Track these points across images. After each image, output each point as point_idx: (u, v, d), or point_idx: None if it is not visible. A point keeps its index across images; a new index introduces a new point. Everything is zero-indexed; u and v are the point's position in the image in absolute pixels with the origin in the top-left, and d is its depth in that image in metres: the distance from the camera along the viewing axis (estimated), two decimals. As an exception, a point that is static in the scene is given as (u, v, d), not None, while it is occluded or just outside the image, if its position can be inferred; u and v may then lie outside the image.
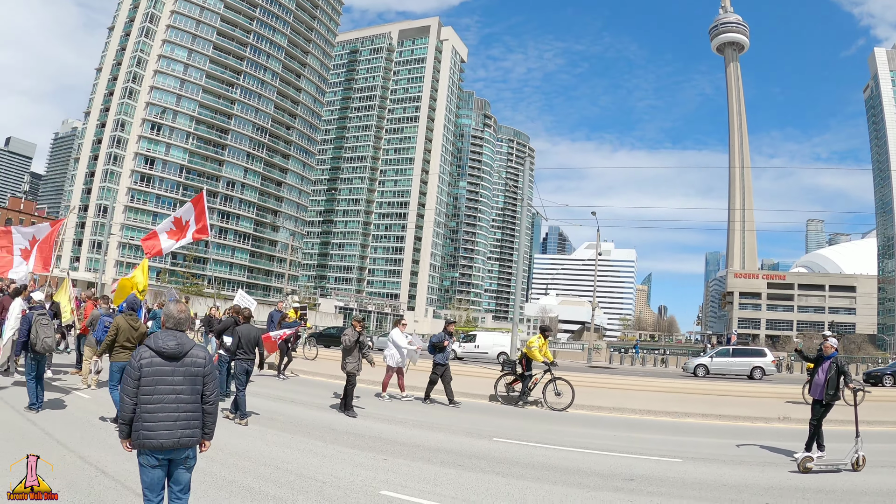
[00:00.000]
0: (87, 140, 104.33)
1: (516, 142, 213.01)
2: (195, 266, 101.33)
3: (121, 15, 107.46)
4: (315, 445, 9.23)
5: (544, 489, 7.45)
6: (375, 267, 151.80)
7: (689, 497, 7.32)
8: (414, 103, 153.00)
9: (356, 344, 12.54)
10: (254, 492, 6.51)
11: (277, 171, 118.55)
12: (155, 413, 4.33)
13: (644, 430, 12.73)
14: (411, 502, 6.66)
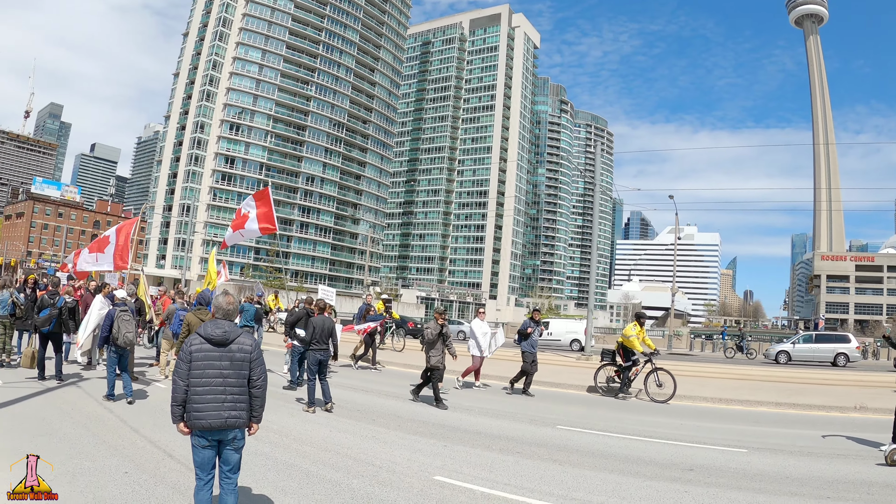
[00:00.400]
0: (168, 143, 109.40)
1: (594, 126, 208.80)
2: (277, 260, 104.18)
3: (194, 21, 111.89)
4: (378, 432, 9.47)
5: (599, 477, 7.42)
6: (456, 256, 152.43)
7: (747, 489, 7.09)
8: (489, 92, 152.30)
9: (439, 336, 12.40)
10: (311, 475, 6.82)
11: (356, 164, 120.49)
12: (203, 395, 4.60)
13: (712, 419, 12.42)
14: (463, 487, 6.72)
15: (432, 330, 12.37)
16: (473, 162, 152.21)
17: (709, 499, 6.63)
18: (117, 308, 10.70)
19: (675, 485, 7.19)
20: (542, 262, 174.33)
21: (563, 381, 17.04)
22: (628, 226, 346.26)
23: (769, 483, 7.38)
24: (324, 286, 19.86)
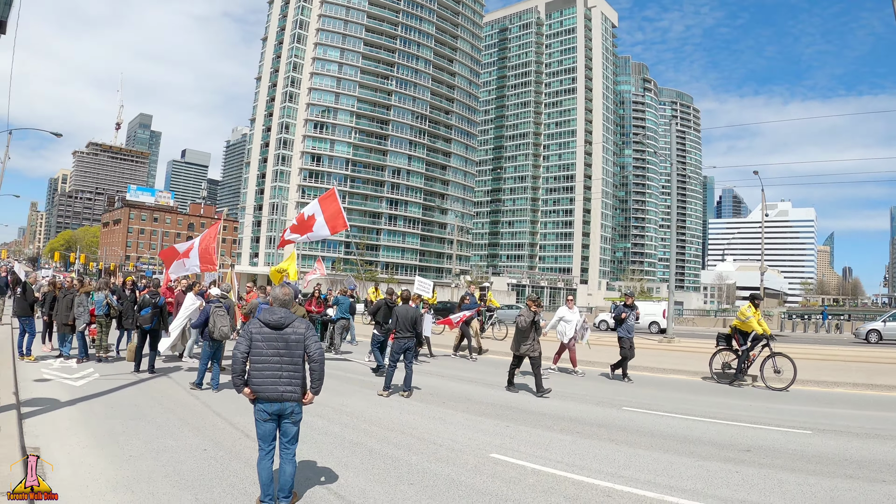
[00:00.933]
0: (255, 145, 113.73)
1: (679, 104, 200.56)
2: (368, 253, 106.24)
3: (272, 26, 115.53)
4: (446, 414, 9.89)
5: (653, 456, 7.49)
6: (546, 242, 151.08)
7: (802, 470, 6.99)
8: (569, 75, 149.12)
9: (532, 325, 11.89)
10: (374, 452, 7.35)
11: (441, 155, 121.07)
12: (262, 372, 5.26)
13: (785, 401, 12.10)
14: (516, 464, 7.00)
15: (525, 318, 11.87)
16: (559, 146, 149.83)
17: (759, 479, 6.60)
18: (212, 304, 11.44)
19: (727, 465, 7.16)
20: (633, 245, 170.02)
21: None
22: (720, 204, 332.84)
23: (826, 465, 7.22)
24: (420, 277, 19.82)
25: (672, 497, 5.98)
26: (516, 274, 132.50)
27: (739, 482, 6.50)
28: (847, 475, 6.80)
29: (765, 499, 5.98)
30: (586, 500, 5.88)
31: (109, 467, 6.34)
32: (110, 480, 5.94)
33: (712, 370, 14.73)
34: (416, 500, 5.69)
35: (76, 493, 5.52)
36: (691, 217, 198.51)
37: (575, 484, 6.33)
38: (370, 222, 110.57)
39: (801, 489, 6.27)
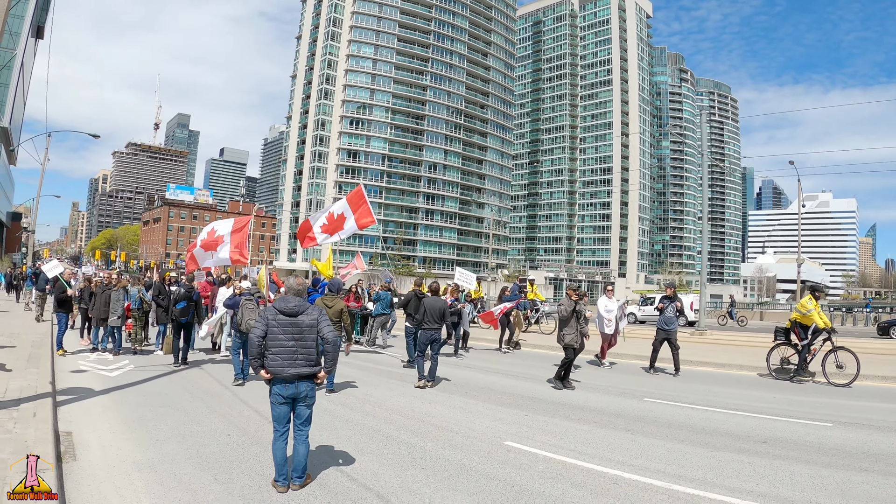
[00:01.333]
0: (291, 142, 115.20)
1: (717, 94, 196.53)
2: (405, 248, 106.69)
3: (305, 24, 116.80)
4: (467, 403, 10.06)
5: (666, 446, 7.53)
6: (584, 235, 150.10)
7: (815, 462, 6.96)
8: (604, 66, 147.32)
9: (573, 314, 11.82)
10: (391, 438, 7.60)
11: (477, 149, 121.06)
12: (279, 354, 5.64)
13: (808, 393, 12.00)
14: (528, 451, 7.16)
15: (566, 307, 11.77)
16: (595, 139, 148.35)
17: (770, 471, 6.59)
18: (242, 297, 11.60)
19: (740, 456, 7.17)
20: (672, 238, 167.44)
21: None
22: (760, 195, 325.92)
23: (842, 458, 7.15)
24: (461, 269, 19.96)
25: (679, 486, 6.02)
26: (554, 267, 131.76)
27: (750, 473, 6.51)
28: (861, 468, 6.74)
29: (773, 489, 5.98)
30: (592, 486, 5.98)
31: (136, 450, 6.70)
32: (136, 461, 6.29)
33: (769, 365, 14.10)
34: (426, 483, 5.88)
35: (103, 473, 5.88)
36: (730, 209, 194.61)
37: (584, 471, 6.44)
38: (407, 217, 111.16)
39: (812, 481, 6.25)
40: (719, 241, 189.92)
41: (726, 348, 20.05)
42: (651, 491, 5.90)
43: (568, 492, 5.82)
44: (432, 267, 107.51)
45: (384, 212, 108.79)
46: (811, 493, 5.91)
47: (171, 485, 5.68)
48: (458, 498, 5.52)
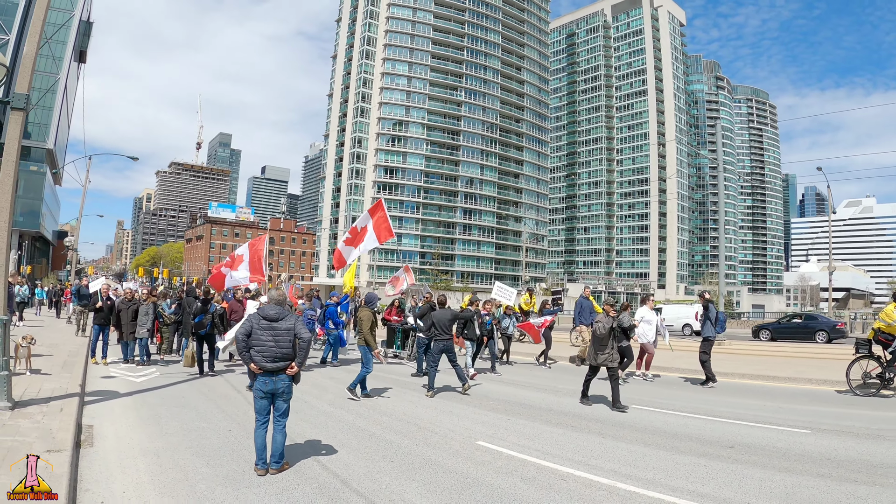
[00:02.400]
0: (329, 160, 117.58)
1: (755, 100, 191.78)
2: (443, 263, 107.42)
3: (340, 44, 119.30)
4: (457, 408, 10.71)
5: (629, 449, 7.88)
6: (622, 247, 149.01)
7: (773, 467, 7.04)
8: (639, 77, 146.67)
9: (610, 332, 10.96)
10: (374, 436, 8.36)
11: (513, 163, 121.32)
12: (261, 351, 6.64)
13: (804, 401, 11.90)
14: (495, 450, 7.71)
15: (603, 324, 10.91)
16: (632, 150, 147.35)
17: (723, 474, 6.76)
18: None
19: (699, 459, 7.39)
20: (712, 248, 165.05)
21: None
22: (803, 202, 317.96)
23: (804, 463, 7.20)
24: (501, 283, 20.06)
25: (623, 484, 6.37)
26: (592, 280, 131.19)
27: (702, 475, 6.72)
28: (818, 473, 6.80)
29: (716, 491, 6.18)
30: (541, 481, 6.47)
31: (146, 440, 7.73)
32: (144, 449, 7.31)
33: (849, 380, 12.86)
34: (388, 473, 6.63)
35: (114, 457, 6.93)
36: (771, 217, 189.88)
37: (538, 468, 6.95)
38: (445, 232, 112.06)
39: (760, 484, 6.38)
40: (761, 250, 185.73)
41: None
42: (594, 487, 6.30)
43: (515, 485, 6.34)
44: (470, 281, 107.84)
45: (422, 227, 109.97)
46: (754, 495, 6.06)
47: (168, 467, 6.63)
48: (412, 486, 6.22)
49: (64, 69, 79.72)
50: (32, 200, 75.85)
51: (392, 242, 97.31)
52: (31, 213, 75.78)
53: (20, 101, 8.57)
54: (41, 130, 77.73)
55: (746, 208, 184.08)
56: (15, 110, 8.58)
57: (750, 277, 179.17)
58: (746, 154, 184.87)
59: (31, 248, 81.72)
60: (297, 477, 6.39)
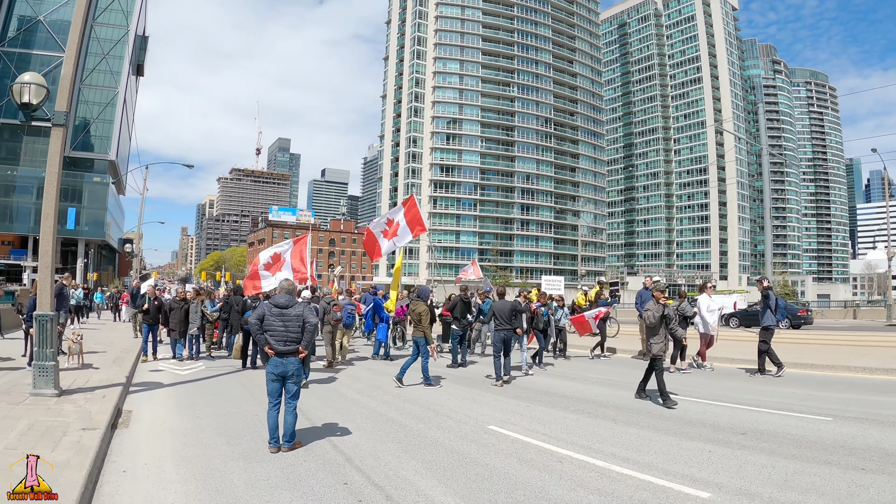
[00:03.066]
0: (385, 160, 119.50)
1: (814, 83, 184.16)
2: (501, 259, 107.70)
3: (391, 45, 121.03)
4: (480, 395, 11.12)
5: (637, 434, 7.95)
6: (682, 238, 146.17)
7: (780, 454, 6.94)
8: (693, 64, 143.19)
9: (661, 320, 10.52)
10: (391, 421, 8.83)
11: (569, 157, 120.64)
12: (274, 336, 7.25)
13: (836, 389, 11.60)
14: (503, 434, 7.95)
15: (653, 312, 10.48)
16: (689, 139, 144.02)
17: (725, 459, 6.73)
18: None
19: (705, 444, 7.37)
20: (775, 237, 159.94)
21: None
22: (869, 187, 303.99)
23: (814, 451, 7.05)
24: (548, 277, 21.00)
25: (618, 467, 6.44)
26: (652, 272, 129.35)
27: (702, 461, 6.71)
28: (828, 461, 6.62)
29: (711, 476, 6.17)
30: (537, 462, 6.66)
31: (177, 423, 8.48)
32: (173, 430, 8.06)
33: None
34: (392, 452, 7.04)
35: (144, 436, 7.73)
36: (835, 203, 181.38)
37: (539, 450, 7.15)
38: (503, 228, 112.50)
39: (760, 470, 6.32)
40: (825, 238, 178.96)
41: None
42: (587, 469, 6.44)
43: (510, 465, 6.56)
44: (529, 276, 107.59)
45: (479, 224, 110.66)
46: (751, 481, 6.00)
47: (191, 444, 7.32)
48: (411, 464, 6.59)
49: (122, 83, 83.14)
50: (97, 210, 79.52)
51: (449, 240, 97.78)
52: (95, 222, 79.44)
53: (60, 118, 9.37)
54: (103, 143, 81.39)
55: (809, 195, 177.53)
56: (56, 126, 9.39)
57: (815, 266, 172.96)
58: (807, 139, 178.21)
59: (97, 256, 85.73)
60: (305, 454, 6.89)
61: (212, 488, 5.68)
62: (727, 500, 5.46)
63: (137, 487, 5.68)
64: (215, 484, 5.81)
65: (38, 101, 9.19)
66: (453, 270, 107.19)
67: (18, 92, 9.06)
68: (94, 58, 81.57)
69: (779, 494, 5.56)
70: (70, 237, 78.40)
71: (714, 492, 5.67)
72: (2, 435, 6.72)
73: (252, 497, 5.45)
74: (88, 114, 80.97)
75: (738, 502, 5.42)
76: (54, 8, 76.95)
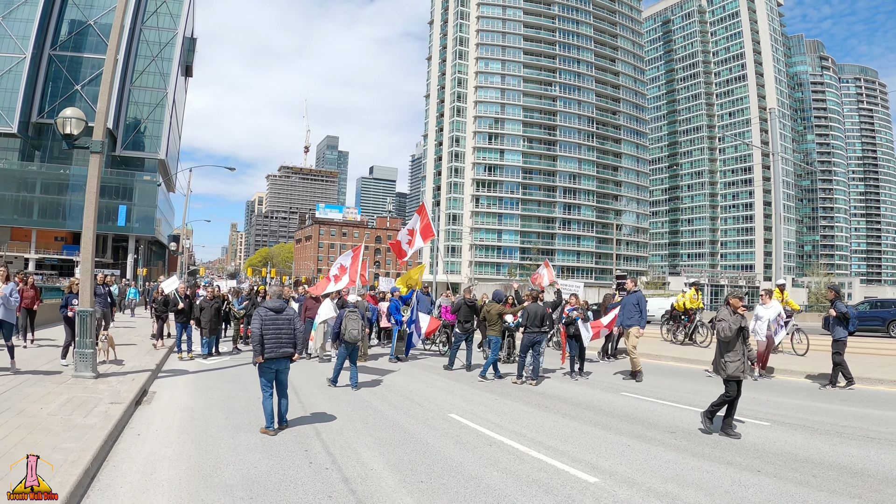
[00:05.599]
0: (429, 159, 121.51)
1: (863, 79, 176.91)
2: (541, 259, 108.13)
3: (434, 45, 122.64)
4: (459, 388, 12.35)
5: (572, 426, 8.92)
6: (727, 238, 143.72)
7: (691, 452, 7.54)
8: (738, 61, 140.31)
9: (738, 333, 8.65)
10: (370, 407, 10.13)
11: (611, 156, 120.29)
12: (270, 339, 8.11)
13: (802, 396, 11.84)
14: (456, 421, 9.11)
15: (729, 324, 8.62)
16: (734, 137, 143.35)
17: (636, 453, 7.46)
18: (346, 309, 12.04)
19: (627, 439, 8.12)
20: (822, 237, 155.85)
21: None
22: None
23: (725, 452, 7.56)
24: (564, 282, 20.84)
25: (536, 452, 7.35)
26: (694, 273, 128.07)
27: (614, 453, 7.47)
28: (726, 461, 7.14)
29: (613, 465, 6.92)
30: (468, 443, 7.80)
31: (189, 401, 10.27)
32: (185, 407, 9.81)
33: None
34: (356, 430, 8.45)
35: (160, 410, 9.48)
36: (886, 203, 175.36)
37: (478, 435, 8.25)
38: (544, 227, 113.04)
39: (661, 465, 6.98)
40: (875, 239, 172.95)
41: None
42: (509, 452, 7.41)
43: (445, 444, 7.72)
44: (571, 276, 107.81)
45: (521, 223, 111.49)
46: (642, 471, 6.72)
47: (196, 418, 9.03)
48: (364, 440, 7.92)
49: (171, 84, 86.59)
50: (147, 208, 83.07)
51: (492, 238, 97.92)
52: (145, 218, 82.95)
53: (97, 147, 11.16)
54: (153, 142, 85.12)
55: (859, 194, 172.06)
56: (93, 154, 11.18)
57: (864, 268, 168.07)
58: (857, 137, 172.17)
59: (147, 252, 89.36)
60: (286, 431, 8.31)
61: (202, 448, 7.37)
62: (613, 486, 6.22)
63: (146, 445, 7.43)
64: (206, 446, 7.50)
65: (78, 132, 10.94)
66: (495, 269, 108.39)
67: (62, 125, 10.79)
68: (143, 60, 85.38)
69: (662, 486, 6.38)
70: (121, 234, 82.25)
71: (602, 476, 6.51)
72: (46, 405, 8.54)
73: (229, 455, 7.09)
74: (139, 114, 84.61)
75: (623, 488, 6.15)
76: (104, 12, 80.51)
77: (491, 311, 14.01)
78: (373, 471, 6.62)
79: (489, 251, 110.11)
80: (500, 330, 14.06)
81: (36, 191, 78.74)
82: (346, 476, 6.41)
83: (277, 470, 6.56)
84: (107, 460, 6.73)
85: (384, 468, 6.73)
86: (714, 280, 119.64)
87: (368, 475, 6.47)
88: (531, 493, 6.01)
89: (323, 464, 6.83)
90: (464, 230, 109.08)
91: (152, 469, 6.48)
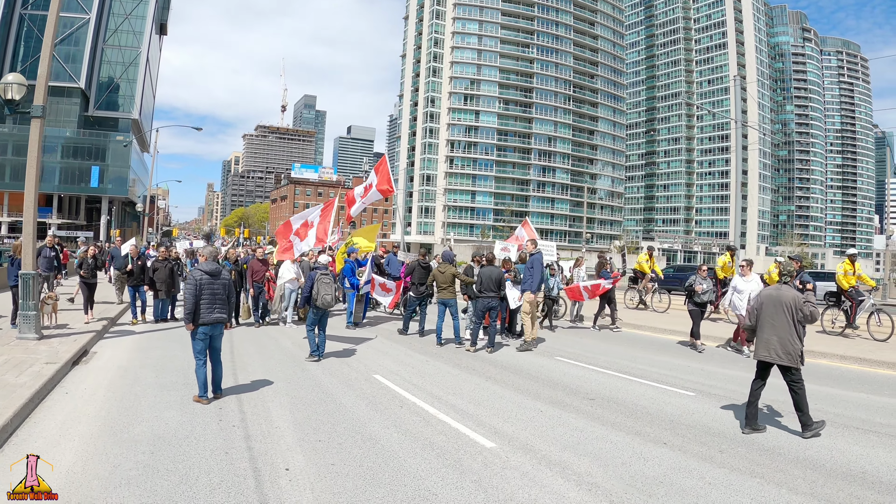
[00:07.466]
0: (404, 120, 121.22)
1: (845, 53, 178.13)
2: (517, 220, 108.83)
3: (411, 4, 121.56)
4: (398, 351, 12.55)
5: (492, 390, 9.19)
6: (702, 206, 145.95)
7: (598, 419, 7.77)
8: (719, 29, 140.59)
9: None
10: (304, 370, 10.25)
11: (588, 120, 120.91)
12: (203, 304, 7.88)
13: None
14: (377, 381, 9.47)
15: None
16: (712, 105, 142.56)
17: (544, 418, 7.70)
18: (318, 271, 11.35)
19: (542, 405, 8.34)
20: (798, 207, 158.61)
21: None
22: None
23: (638, 422, 7.68)
24: (545, 241, 19.55)
25: (443, 415, 7.61)
26: (668, 239, 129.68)
27: (521, 417, 7.72)
28: (637, 431, 7.31)
29: (515, 431, 7.12)
30: (381, 403, 8.12)
31: (126, 362, 10.67)
32: (120, 367, 10.20)
33: None
34: (273, 390, 8.84)
35: (94, 370, 9.89)
36: (862, 177, 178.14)
37: (393, 395, 8.61)
38: (518, 189, 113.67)
39: (565, 431, 7.19)
40: (850, 211, 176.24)
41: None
42: (416, 413, 7.71)
43: (357, 405, 7.97)
44: (545, 238, 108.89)
45: (496, 185, 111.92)
46: (542, 435, 6.97)
47: (127, 377, 9.46)
48: (281, 399, 8.25)
49: (145, 43, 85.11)
50: (120, 168, 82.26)
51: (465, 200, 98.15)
52: (118, 179, 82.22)
53: (38, 111, 11.35)
54: (127, 102, 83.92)
55: (836, 167, 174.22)
56: (34, 118, 11.33)
57: (838, 239, 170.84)
58: (837, 110, 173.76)
59: (121, 213, 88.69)
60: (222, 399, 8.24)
61: (123, 406, 7.83)
62: (508, 452, 6.39)
63: (71, 403, 7.89)
64: (127, 403, 7.96)
65: (20, 98, 11.11)
66: (468, 230, 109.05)
67: (3, 90, 10.92)
68: (116, 18, 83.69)
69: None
70: (94, 195, 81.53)
71: (500, 442, 6.71)
72: (-18, 366, 8.98)
73: (147, 412, 7.56)
74: (112, 73, 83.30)
75: (517, 455, 6.32)
76: (77, -30, 78.63)
77: (445, 272, 13.25)
78: (277, 429, 6.94)
79: (463, 212, 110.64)
80: (452, 293, 13.50)
81: (7, 153, 77.55)
82: (250, 433, 6.78)
83: (186, 426, 6.98)
84: (29, 417, 7.16)
85: (289, 427, 7.03)
86: (687, 246, 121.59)
87: (271, 433, 6.79)
88: (423, 455, 6.20)
89: (231, 422, 7.23)
90: (438, 191, 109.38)
91: (70, 426, 6.92)
